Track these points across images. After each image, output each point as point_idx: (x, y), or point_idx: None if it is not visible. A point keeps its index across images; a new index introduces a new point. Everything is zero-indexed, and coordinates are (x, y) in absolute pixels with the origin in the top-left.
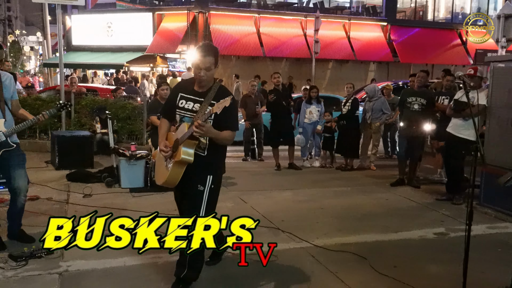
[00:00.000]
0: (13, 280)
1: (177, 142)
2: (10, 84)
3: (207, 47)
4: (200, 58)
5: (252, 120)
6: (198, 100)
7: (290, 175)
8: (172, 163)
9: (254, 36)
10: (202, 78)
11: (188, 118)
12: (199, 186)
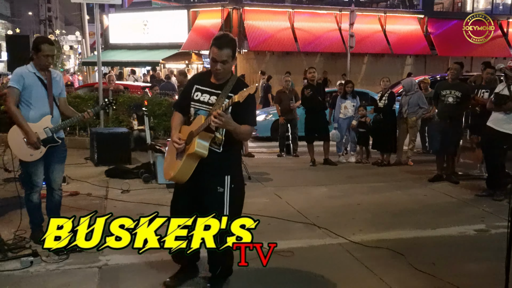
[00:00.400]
0: (55, 273)
1: (192, 135)
2: (59, 82)
3: (224, 39)
4: (216, 51)
5: (287, 116)
6: (215, 93)
7: (325, 170)
8: (184, 156)
9: (288, 31)
10: (218, 71)
11: (204, 111)
12: (219, 188)
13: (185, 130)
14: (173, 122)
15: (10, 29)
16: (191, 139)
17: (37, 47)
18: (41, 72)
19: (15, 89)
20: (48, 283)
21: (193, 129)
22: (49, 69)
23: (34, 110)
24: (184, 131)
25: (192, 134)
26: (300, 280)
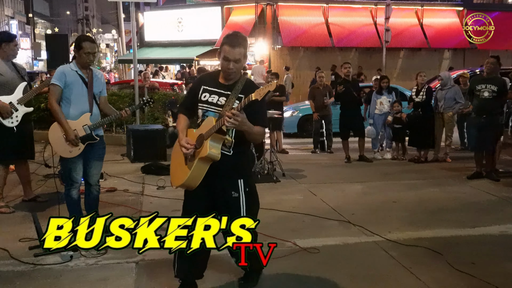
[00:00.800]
0: (93, 268)
1: (202, 138)
2: (100, 80)
3: (237, 37)
4: (230, 49)
5: (321, 112)
6: (224, 94)
7: (360, 167)
8: (195, 161)
9: (323, 26)
10: (231, 71)
11: (213, 113)
12: (234, 193)
13: (193, 133)
14: (179, 125)
15: (49, 28)
16: (202, 142)
17: (79, 45)
18: (83, 71)
19: (57, 86)
20: (87, 277)
21: (203, 132)
22: (91, 67)
23: (74, 107)
24: (192, 134)
25: (202, 137)
26: (335, 278)
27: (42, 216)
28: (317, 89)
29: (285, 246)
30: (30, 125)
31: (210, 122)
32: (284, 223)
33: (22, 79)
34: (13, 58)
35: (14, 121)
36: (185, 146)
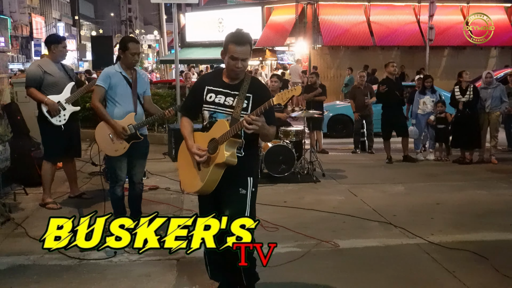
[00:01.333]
0: (136, 264)
1: (216, 142)
2: (144, 80)
3: (243, 35)
4: (237, 47)
5: (362, 112)
6: (231, 94)
7: (402, 168)
8: (211, 167)
9: (364, 25)
10: (239, 70)
11: (222, 114)
12: (241, 190)
13: (202, 137)
14: (184, 129)
15: (93, 30)
16: (215, 147)
17: (125, 45)
18: (127, 71)
19: (101, 87)
20: (130, 272)
21: (216, 136)
22: (135, 68)
23: (119, 107)
24: (201, 138)
25: (216, 142)
26: (376, 280)
27: (87, 213)
28: (358, 88)
29: (325, 246)
30: (77, 123)
31: (223, 126)
32: (324, 224)
33: (70, 79)
34: (62, 59)
35: (62, 119)
36: (197, 153)
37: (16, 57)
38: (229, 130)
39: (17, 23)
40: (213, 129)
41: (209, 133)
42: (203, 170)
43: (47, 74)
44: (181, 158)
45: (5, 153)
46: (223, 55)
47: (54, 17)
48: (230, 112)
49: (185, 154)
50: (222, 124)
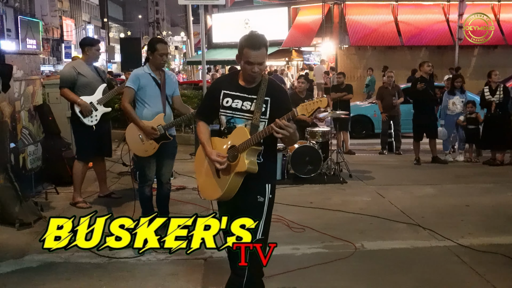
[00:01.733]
0: (164, 263)
1: (236, 150)
2: (173, 81)
3: (258, 38)
4: (252, 52)
5: (389, 112)
6: (248, 98)
7: (430, 169)
8: (231, 175)
9: (392, 24)
10: (255, 74)
11: (240, 120)
12: (259, 198)
13: (220, 143)
14: (202, 135)
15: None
16: (236, 155)
17: (153, 47)
18: (156, 73)
19: (130, 89)
20: (158, 271)
21: (236, 143)
22: (163, 69)
23: (148, 108)
24: (219, 144)
25: (236, 149)
26: (403, 282)
27: (116, 212)
28: (386, 89)
29: (352, 247)
30: (108, 124)
31: (243, 134)
32: (351, 225)
33: (103, 81)
34: (95, 61)
35: (93, 120)
36: (218, 161)
37: (47, 59)
38: (250, 138)
39: (48, 26)
40: (232, 135)
41: (228, 139)
42: (222, 178)
43: (81, 75)
44: (199, 164)
45: (37, 153)
46: (238, 59)
47: (84, 20)
48: (248, 117)
49: (202, 160)
50: (242, 131)
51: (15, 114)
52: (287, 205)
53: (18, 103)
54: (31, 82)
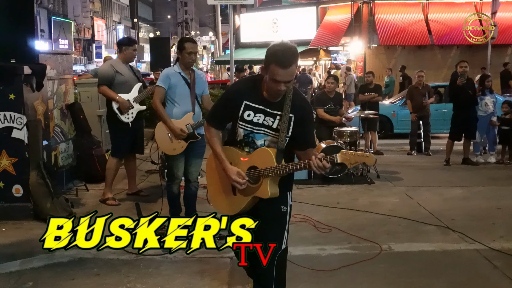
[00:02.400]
0: (191, 260)
1: (258, 173)
2: (202, 81)
3: (289, 53)
4: (281, 70)
5: (419, 112)
6: (271, 114)
7: (460, 171)
8: (250, 197)
9: (422, 23)
10: (281, 93)
11: (259, 135)
12: (283, 207)
13: (236, 155)
14: (216, 146)
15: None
16: (258, 178)
17: (181, 45)
18: (186, 72)
19: (161, 88)
20: (185, 269)
21: (259, 166)
22: (193, 68)
23: (178, 107)
24: (236, 156)
25: (258, 172)
26: (432, 285)
27: (144, 209)
28: (416, 88)
29: (379, 249)
30: (141, 122)
31: (268, 158)
32: (379, 226)
33: (138, 80)
34: (131, 61)
35: (130, 117)
36: (239, 182)
37: (79, 59)
38: (278, 167)
39: (80, 26)
40: (255, 155)
41: (249, 157)
42: (239, 197)
43: (118, 74)
44: (211, 172)
45: (68, 150)
46: (264, 72)
47: (114, 20)
48: (268, 133)
49: (216, 170)
50: (267, 154)
51: (48, 113)
52: (314, 205)
53: (51, 101)
54: (63, 81)
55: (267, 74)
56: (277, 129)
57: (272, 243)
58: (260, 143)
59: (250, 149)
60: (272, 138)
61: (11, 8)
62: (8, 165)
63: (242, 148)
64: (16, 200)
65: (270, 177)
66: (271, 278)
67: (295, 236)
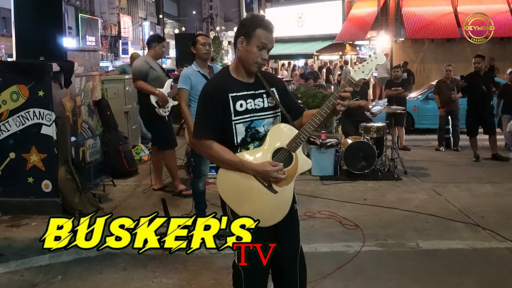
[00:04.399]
0: (216, 256)
1: (286, 152)
2: None
3: (267, 19)
4: (267, 34)
5: (447, 107)
6: (257, 94)
7: (491, 167)
8: (292, 182)
9: (451, 16)
10: (264, 62)
11: (260, 121)
12: (295, 205)
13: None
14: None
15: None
16: (288, 157)
17: (194, 40)
18: (204, 69)
19: (184, 90)
20: (211, 264)
21: (282, 144)
22: (210, 65)
23: None
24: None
25: (285, 151)
26: (461, 283)
27: (170, 205)
28: (444, 83)
29: (407, 246)
30: (171, 116)
31: (285, 130)
32: (406, 223)
33: (168, 76)
34: (160, 57)
35: (166, 111)
36: (279, 176)
37: (105, 55)
38: (304, 129)
39: (107, 23)
40: (271, 137)
41: (266, 144)
42: (282, 190)
43: (152, 69)
44: (234, 192)
45: (95, 146)
46: (242, 43)
47: (140, 17)
48: (267, 115)
49: (238, 185)
50: (283, 127)
51: (76, 109)
52: (340, 201)
53: (78, 98)
54: (91, 78)
55: (249, 43)
56: (269, 108)
57: (293, 243)
58: (262, 130)
59: (255, 142)
60: (268, 119)
61: (39, 6)
62: (38, 161)
63: (246, 148)
64: (46, 195)
65: (300, 146)
66: (295, 280)
67: (321, 233)
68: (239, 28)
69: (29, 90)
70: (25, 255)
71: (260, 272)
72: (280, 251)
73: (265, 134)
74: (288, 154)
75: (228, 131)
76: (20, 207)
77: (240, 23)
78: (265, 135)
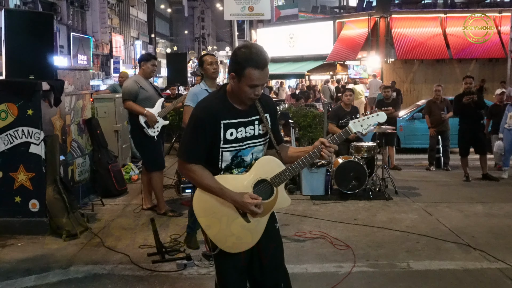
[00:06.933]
0: (206, 277)
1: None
2: None
3: (263, 53)
4: (258, 73)
5: (438, 127)
6: (249, 122)
7: (481, 187)
8: (268, 215)
9: (440, 37)
10: (257, 97)
11: (247, 150)
12: (276, 225)
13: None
14: (211, 181)
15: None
16: (269, 190)
17: (201, 60)
18: (212, 88)
19: (190, 107)
20: (200, 286)
21: (266, 176)
22: (219, 84)
23: None
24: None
25: (267, 184)
26: None
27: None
28: (434, 103)
29: (398, 267)
30: (163, 136)
31: (273, 163)
32: (397, 243)
33: (160, 95)
34: (151, 76)
35: (156, 131)
36: (255, 210)
37: (97, 74)
38: (288, 168)
39: (99, 42)
40: (256, 168)
41: (250, 174)
42: (255, 221)
43: (142, 89)
44: (207, 213)
45: (85, 165)
46: (234, 80)
47: (132, 36)
48: (255, 144)
49: (213, 208)
50: (271, 161)
51: (65, 128)
52: (331, 221)
53: (68, 116)
54: (81, 97)
55: (240, 81)
56: (259, 135)
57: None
58: (249, 159)
59: (239, 170)
60: (257, 146)
61: (30, 24)
62: (26, 180)
63: (230, 172)
64: (33, 215)
65: (283, 183)
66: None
67: (312, 253)
68: (231, 61)
69: (18, 109)
70: (11, 276)
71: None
72: (262, 270)
73: (251, 162)
74: (270, 187)
75: (214, 155)
76: (7, 227)
77: (232, 55)
78: (251, 163)
